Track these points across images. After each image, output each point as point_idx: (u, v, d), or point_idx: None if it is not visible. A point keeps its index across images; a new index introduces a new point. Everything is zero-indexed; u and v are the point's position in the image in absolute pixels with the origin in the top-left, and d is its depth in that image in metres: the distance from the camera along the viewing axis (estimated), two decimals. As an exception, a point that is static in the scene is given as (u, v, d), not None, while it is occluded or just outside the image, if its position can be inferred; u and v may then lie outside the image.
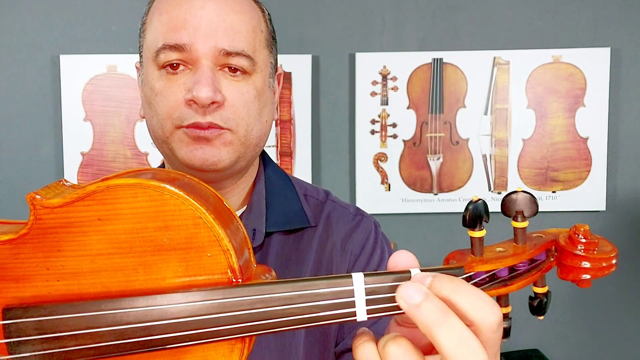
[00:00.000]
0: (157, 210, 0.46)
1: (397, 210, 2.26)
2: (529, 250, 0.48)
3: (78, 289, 0.47)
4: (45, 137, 2.18)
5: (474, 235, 0.47)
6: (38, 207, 0.46)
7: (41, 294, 0.47)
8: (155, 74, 0.72)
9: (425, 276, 0.43)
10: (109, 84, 2.16)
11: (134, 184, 0.46)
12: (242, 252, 0.49)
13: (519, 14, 2.23)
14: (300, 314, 0.44)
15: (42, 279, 0.47)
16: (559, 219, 2.26)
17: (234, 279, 0.46)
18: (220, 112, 0.70)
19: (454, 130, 2.24)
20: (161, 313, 0.45)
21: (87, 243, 0.46)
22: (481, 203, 0.46)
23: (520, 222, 0.48)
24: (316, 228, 0.85)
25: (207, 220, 0.46)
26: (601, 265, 0.47)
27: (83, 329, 0.45)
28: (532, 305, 0.50)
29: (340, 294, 0.44)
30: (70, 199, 0.46)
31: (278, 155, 2.22)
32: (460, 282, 0.42)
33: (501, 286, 0.47)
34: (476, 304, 0.41)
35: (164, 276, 0.46)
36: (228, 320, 0.44)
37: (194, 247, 0.46)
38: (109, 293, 0.47)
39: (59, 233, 0.47)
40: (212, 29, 0.69)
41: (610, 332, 2.31)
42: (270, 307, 0.44)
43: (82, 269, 0.47)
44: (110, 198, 0.46)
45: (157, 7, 0.73)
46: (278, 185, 0.86)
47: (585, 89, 2.22)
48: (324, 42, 2.22)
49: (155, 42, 0.71)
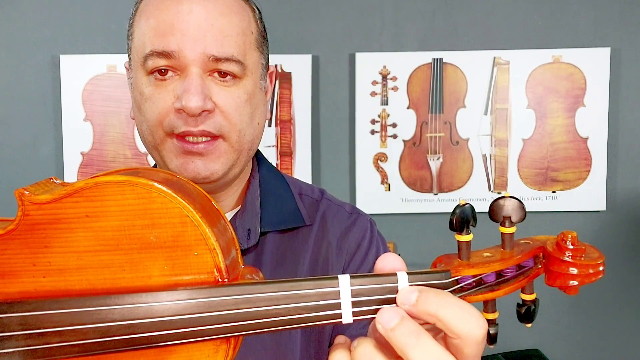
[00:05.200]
0: (144, 208, 0.46)
1: (397, 210, 2.25)
2: (516, 255, 0.48)
3: (64, 286, 0.47)
4: (45, 137, 2.18)
5: (461, 239, 0.47)
6: (26, 203, 0.47)
7: (27, 290, 0.47)
8: (144, 80, 0.71)
9: (411, 291, 0.43)
10: (109, 84, 2.16)
11: (122, 181, 0.46)
12: (229, 252, 0.49)
13: (519, 14, 2.22)
14: (286, 314, 0.44)
15: (28, 274, 0.47)
16: (559, 219, 2.26)
17: (220, 278, 0.46)
18: (211, 119, 0.69)
19: (454, 130, 2.24)
20: (146, 311, 0.45)
21: (74, 240, 0.46)
22: (468, 207, 0.47)
23: (507, 227, 0.48)
24: (311, 227, 0.84)
25: (194, 218, 0.46)
26: (588, 271, 0.47)
27: (67, 325, 0.45)
28: (520, 313, 0.50)
29: (326, 296, 0.44)
30: (59, 195, 0.46)
31: (278, 155, 2.22)
32: (446, 296, 0.42)
33: (488, 291, 0.47)
34: (462, 318, 0.41)
35: (150, 274, 0.46)
36: (213, 319, 0.44)
37: (181, 245, 0.46)
38: (95, 290, 0.47)
39: (46, 229, 0.47)
40: (201, 35, 0.68)
41: (610, 332, 2.30)
42: (255, 308, 0.44)
43: (68, 266, 0.46)
44: (98, 195, 0.46)
45: (144, 10, 0.72)
46: (272, 184, 0.85)
47: (585, 89, 2.22)
48: (324, 42, 2.22)
49: (143, 48, 0.70)
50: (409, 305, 0.43)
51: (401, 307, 0.43)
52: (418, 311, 0.42)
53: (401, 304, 0.43)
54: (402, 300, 0.43)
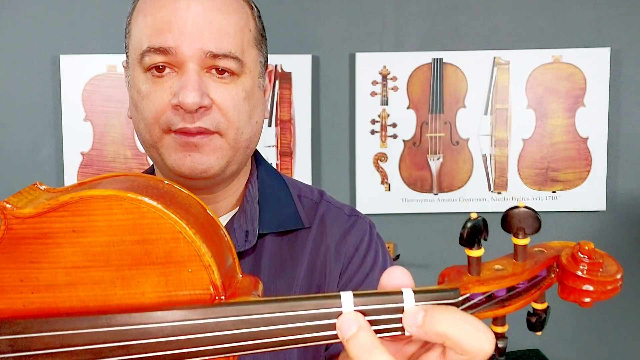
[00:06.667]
0: (134, 223, 0.44)
1: (397, 210, 2.25)
2: (529, 268, 0.45)
3: (54, 303, 0.45)
4: (45, 137, 2.18)
5: (472, 255, 0.44)
6: (9, 217, 0.44)
7: (15, 307, 0.45)
8: (141, 77, 0.71)
9: (417, 311, 0.42)
10: (109, 84, 2.16)
11: (109, 195, 0.44)
12: (225, 263, 0.47)
13: (519, 14, 2.22)
14: (287, 334, 0.43)
15: (16, 290, 0.45)
16: (559, 219, 2.26)
17: (216, 296, 0.45)
18: (208, 116, 0.69)
19: (454, 130, 2.24)
20: (140, 332, 0.43)
21: (62, 255, 0.44)
22: (480, 220, 0.43)
23: (521, 239, 0.45)
24: (310, 229, 0.83)
25: (186, 234, 0.44)
26: (605, 288, 0.44)
27: (58, 347, 0.43)
28: (530, 322, 0.47)
29: (329, 316, 0.43)
30: (43, 209, 0.44)
31: (278, 155, 2.22)
32: (454, 313, 0.42)
33: (498, 307, 0.45)
34: (472, 336, 0.41)
35: (143, 291, 0.45)
36: (210, 340, 0.43)
37: (174, 261, 0.44)
38: (87, 308, 0.45)
39: (32, 244, 0.44)
40: (198, 31, 0.67)
41: (610, 333, 2.30)
42: (254, 328, 0.43)
43: (57, 282, 0.45)
44: (85, 210, 0.44)
45: (142, 8, 0.71)
46: (271, 186, 0.85)
47: (586, 89, 2.21)
48: (324, 42, 2.22)
49: (140, 44, 0.69)
50: (415, 327, 0.42)
51: (407, 329, 0.42)
52: (425, 332, 0.41)
53: (407, 326, 0.42)
54: (408, 322, 0.42)
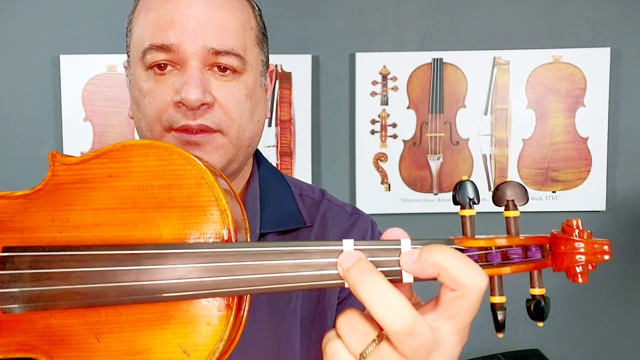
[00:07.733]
0: (164, 169, 0.49)
1: (397, 210, 2.25)
2: (522, 239, 0.48)
3: (78, 241, 0.49)
4: (46, 137, 2.18)
5: (465, 214, 0.48)
6: (57, 164, 0.51)
7: (42, 244, 0.49)
8: (143, 75, 0.71)
9: (414, 251, 0.44)
10: (109, 84, 2.16)
11: (147, 144, 0.51)
12: (239, 226, 0.51)
13: (519, 14, 2.22)
14: (289, 271, 0.46)
15: (46, 230, 0.50)
16: (559, 219, 2.23)
17: (228, 241, 0.48)
18: (210, 114, 0.69)
19: (454, 130, 2.24)
20: (154, 256, 0.47)
21: (94, 198, 0.50)
22: (470, 182, 0.48)
23: (512, 210, 0.48)
24: (312, 228, 0.84)
25: (209, 180, 0.49)
26: (594, 248, 0.47)
27: (74, 267, 0.47)
28: (530, 309, 0.49)
29: (330, 254, 0.46)
30: (88, 157, 0.51)
31: (278, 155, 2.22)
32: (449, 249, 0.43)
33: (494, 267, 0.47)
34: (466, 267, 0.42)
35: (161, 233, 0.49)
36: (218, 271, 0.46)
37: (194, 205, 0.49)
38: (106, 246, 0.49)
39: (70, 189, 0.50)
40: (200, 28, 0.68)
41: (610, 332, 2.30)
42: (261, 261, 0.46)
43: (85, 222, 0.50)
44: (124, 156, 0.50)
45: (144, 5, 0.72)
46: (272, 184, 0.85)
47: (585, 89, 2.22)
48: (324, 42, 2.22)
49: (142, 42, 0.70)
50: (412, 263, 0.44)
51: (404, 267, 0.44)
52: (421, 264, 0.43)
53: (404, 264, 0.44)
54: (404, 260, 0.44)
